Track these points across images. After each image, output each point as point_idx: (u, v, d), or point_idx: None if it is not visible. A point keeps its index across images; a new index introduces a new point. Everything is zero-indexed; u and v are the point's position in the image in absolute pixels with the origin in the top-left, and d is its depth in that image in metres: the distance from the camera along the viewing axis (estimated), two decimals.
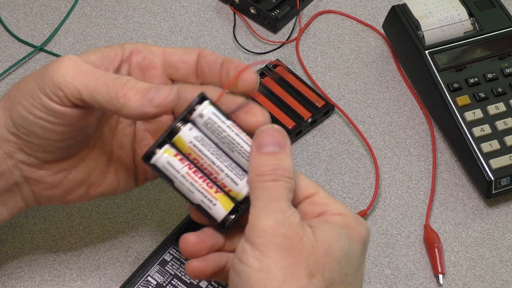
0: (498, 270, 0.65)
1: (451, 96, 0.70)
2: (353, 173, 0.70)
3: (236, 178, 0.50)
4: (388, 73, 0.77)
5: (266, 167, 0.46)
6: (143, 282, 0.58)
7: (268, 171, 0.46)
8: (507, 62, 0.72)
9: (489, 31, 0.74)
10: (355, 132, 0.72)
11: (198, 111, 0.49)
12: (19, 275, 0.62)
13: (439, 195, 0.69)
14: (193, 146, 0.50)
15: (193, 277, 0.50)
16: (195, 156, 0.50)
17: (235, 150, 0.50)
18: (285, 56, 0.78)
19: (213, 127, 0.50)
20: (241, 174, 0.50)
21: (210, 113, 0.50)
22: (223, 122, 0.50)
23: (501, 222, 0.68)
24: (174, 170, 0.50)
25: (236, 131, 0.50)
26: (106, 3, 0.81)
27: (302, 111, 0.72)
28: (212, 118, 0.50)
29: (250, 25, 0.80)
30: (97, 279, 0.62)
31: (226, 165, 0.50)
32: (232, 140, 0.50)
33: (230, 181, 0.50)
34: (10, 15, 0.80)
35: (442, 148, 0.72)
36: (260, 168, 0.47)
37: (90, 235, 0.64)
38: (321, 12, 0.82)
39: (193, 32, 0.80)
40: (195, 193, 0.50)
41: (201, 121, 0.50)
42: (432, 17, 0.74)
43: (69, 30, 0.79)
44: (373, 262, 0.64)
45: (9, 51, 0.77)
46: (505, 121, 0.69)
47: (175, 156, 0.49)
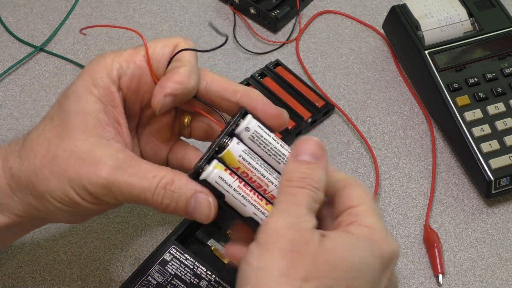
0: (498, 270, 0.65)
1: (451, 96, 0.70)
2: (353, 173, 0.70)
3: None
4: (388, 73, 0.77)
5: (296, 174, 0.47)
6: (143, 282, 0.58)
7: (297, 177, 0.47)
8: (507, 62, 0.72)
9: (489, 31, 0.74)
10: (355, 132, 0.73)
11: (244, 125, 0.50)
12: (19, 275, 0.62)
13: (439, 195, 0.69)
14: (242, 159, 0.49)
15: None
16: (244, 169, 0.50)
17: (281, 161, 0.50)
18: (285, 56, 0.78)
19: (260, 140, 0.50)
20: None
21: (256, 126, 0.50)
22: (268, 135, 0.50)
23: (501, 222, 0.68)
24: (226, 185, 0.49)
25: (281, 143, 0.51)
26: (106, 3, 0.81)
27: (302, 111, 0.72)
28: (258, 131, 0.50)
29: (250, 25, 0.80)
30: (97, 279, 0.62)
31: (274, 177, 0.50)
32: (279, 152, 0.50)
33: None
34: (10, 15, 0.80)
35: (442, 148, 0.72)
36: (291, 174, 0.47)
37: (90, 235, 0.64)
38: (321, 12, 0.82)
39: (193, 32, 0.80)
40: (247, 206, 0.50)
41: (247, 135, 0.50)
42: (432, 17, 0.74)
43: (69, 30, 0.79)
44: None
45: (9, 51, 0.77)
46: (504, 121, 0.69)
47: (225, 170, 0.49)
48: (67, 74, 0.75)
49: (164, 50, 0.51)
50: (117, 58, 0.51)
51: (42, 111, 0.72)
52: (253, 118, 0.50)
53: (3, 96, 0.73)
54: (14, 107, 0.73)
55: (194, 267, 0.59)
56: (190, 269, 0.59)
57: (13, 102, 0.73)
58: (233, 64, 0.77)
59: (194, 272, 0.59)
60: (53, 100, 0.73)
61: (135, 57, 0.51)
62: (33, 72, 0.75)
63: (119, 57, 0.51)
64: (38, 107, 0.73)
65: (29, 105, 0.73)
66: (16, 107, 0.73)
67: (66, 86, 0.75)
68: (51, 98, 0.73)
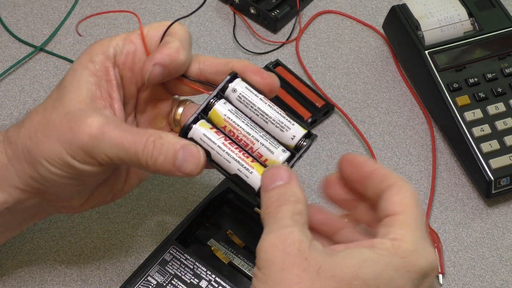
0: (498, 270, 0.65)
1: (451, 96, 0.70)
2: None
3: (271, 146, 0.51)
4: (388, 73, 0.78)
5: (271, 199, 0.46)
6: (143, 282, 0.58)
7: (273, 200, 0.46)
8: (507, 62, 0.72)
9: (489, 31, 0.74)
10: (355, 132, 0.73)
11: (231, 86, 0.52)
12: (19, 275, 0.62)
13: (439, 195, 0.69)
14: (228, 118, 0.51)
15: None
16: (230, 128, 0.51)
17: (269, 121, 0.51)
18: (285, 56, 0.78)
19: (247, 100, 0.52)
20: (276, 144, 0.51)
21: (243, 88, 0.52)
22: (255, 96, 0.52)
23: (501, 222, 0.68)
24: (211, 141, 0.51)
25: (269, 103, 0.52)
26: (106, 3, 0.81)
27: (302, 111, 0.72)
28: (245, 92, 0.52)
29: (250, 25, 0.80)
30: (97, 279, 0.62)
31: (261, 135, 0.51)
32: (266, 112, 0.51)
33: (266, 150, 0.51)
34: (10, 15, 0.80)
35: (442, 148, 0.72)
36: (267, 201, 0.47)
37: (90, 235, 0.64)
38: (321, 12, 0.82)
39: (193, 32, 0.80)
40: (232, 163, 0.51)
41: (234, 96, 0.52)
42: (432, 17, 0.74)
43: (69, 30, 0.79)
44: None
45: (9, 51, 0.77)
46: (505, 121, 0.69)
47: (211, 129, 0.51)
48: None
49: (158, 29, 0.54)
50: (114, 38, 0.54)
51: None
52: (242, 80, 0.52)
53: (3, 96, 0.73)
54: (14, 107, 0.73)
55: (194, 267, 0.59)
56: (190, 269, 0.59)
57: (13, 102, 0.73)
58: None
59: (194, 272, 0.59)
60: None
61: (131, 36, 0.54)
62: (33, 72, 0.75)
63: (116, 37, 0.54)
64: None
65: (29, 105, 0.73)
66: (16, 107, 0.73)
67: None
68: None
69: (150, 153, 0.49)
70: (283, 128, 0.51)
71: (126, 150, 0.49)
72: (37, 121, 0.51)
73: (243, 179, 0.50)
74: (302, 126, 0.52)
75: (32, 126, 0.51)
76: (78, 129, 0.49)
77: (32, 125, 0.51)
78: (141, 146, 0.49)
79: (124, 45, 0.53)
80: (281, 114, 0.52)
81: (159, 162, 0.49)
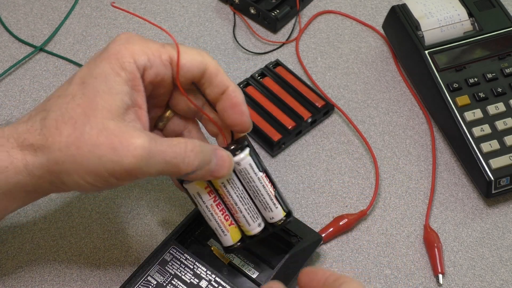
0: (497, 270, 0.65)
1: (451, 96, 0.70)
2: (353, 173, 0.70)
3: (250, 220, 0.56)
4: (388, 73, 0.78)
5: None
6: (143, 282, 0.58)
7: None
8: (507, 62, 0.72)
9: (489, 31, 0.74)
10: (355, 132, 0.73)
11: (237, 158, 0.55)
12: (19, 275, 0.62)
13: (439, 195, 0.69)
14: (223, 186, 0.55)
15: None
16: (222, 193, 0.56)
17: (257, 198, 0.56)
18: (285, 56, 0.78)
19: (246, 176, 0.55)
20: (256, 217, 0.57)
21: (247, 164, 0.55)
22: (255, 174, 0.55)
23: (501, 222, 0.68)
24: (201, 200, 0.56)
25: (264, 183, 0.56)
26: (106, 3, 0.81)
27: (302, 111, 0.72)
28: (247, 168, 0.55)
29: (250, 25, 0.80)
30: (97, 279, 0.62)
31: (245, 208, 0.56)
32: (258, 191, 0.56)
33: (245, 221, 0.56)
34: (10, 15, 0.80)
35: (442, 148, 0.72)
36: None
37: (90, 235, 0.64)
38: (321, 12, 0.82)
39: (193, 32, 0.80)
40: (212, 222, 0.57)
41: (237, 168, 0.55)
42: (431, 17, 0.74)
43: (69, 30, 0.79)
44: (373, 262, 0.64)
45: (9, 51, 0.77)
46: (504, 121, 0.69)
47: (206, 188, 0.55)
48: (67, 74, 0.75)
49: (195, 59, 0.53)
50: (145, 50, 0.51)
51: None
52: (249, 154, 0.55)
53: (3, 96, 0.73)
54: (14, 107, 0.73)
55: (194, 267, 0.59)
56: (190, 269, 0.59)
57: (13, 102, 0.73)
58: (233, 64, 0.77)
59: (194, 272, 0.59)
60: None
61: (162, 54, 0.52)
62: (33, 72, 0.75)
63: (147, 48, 0.52)
64: None
65: (29, 105, 0.73)
66: (16, 107, 0.73)
67: None
68: None
69: (191, 162, 0.50)
70: (267, 208, 0.56)
71: (167, 163, 0.49)
72: (68, 133, 0.49)
73: (217, 235, 0.58)
74: (283, 209, 0.57)
75: (62, 138, 0.49)
76: (123, 151, 0.48)
77: (62, 137, 0.49)
78: (181, 158, 0.50)
79: (155, 62, 0.52)
80: (271, 195, 0.56)
81: (198, 169, 0.51)
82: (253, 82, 0.74)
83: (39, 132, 0.50)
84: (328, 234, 0.65)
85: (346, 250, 0.65)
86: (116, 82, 0.50)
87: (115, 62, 0.50)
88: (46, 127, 0.50)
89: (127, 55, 0.51)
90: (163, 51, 0.52)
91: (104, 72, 0.50)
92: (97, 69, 0.50)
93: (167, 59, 0.52)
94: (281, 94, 0.73)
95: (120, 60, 0.50)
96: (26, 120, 0.52)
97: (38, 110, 0.52)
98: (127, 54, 0.51)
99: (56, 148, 0.49)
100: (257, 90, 0.73)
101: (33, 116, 0.51)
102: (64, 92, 0.51)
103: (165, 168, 0.50)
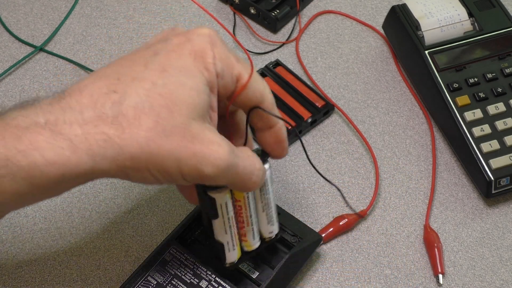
0: (498, 270, 0.65)
1: (451, 96, 0.70)
2: (353, 173, 0.70)
3: (256, 233, 0.56)
4: (388, 73, 0.78)
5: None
6: (143, 282, 0.58)
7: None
8: (507, 62, 0.72)
9: (489, 31, 0.74)
10: (355, 132, 0.73)
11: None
12: (19, 275, 0.62)
13: (439, 195, 0.69)
14: (247, 197, 0.53)
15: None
16: (241, 204, 0.54)
17: (265, 211, 0.56)
18: (285, 56, 0.78)
19: (263, 188, 0.54)
20: (258, 231, 0.56)
21: (268, 176, 0.54)
22: (271, 186, 0.55)
23: (501, 222, 0.68)
24: (226, 211, 0.53)
25: (274, 196, 0.56)
26: (106, 3, 0.81)
27: (302, 111, 0.72)
28: (268, 180, 0.54)
29: (250, 25, 0.80)
30: (97, 279, 0.62)
31: (256, 221, 0.55)
32: (269, 203, 0.55)
33: (252, 234, 0.56)
34: (10, 15, 0.80)
35: (442, 148, 0.72)
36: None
37: (90, 235, 0.64)
38: (321, 12, 0.82)
39: None
40: (227, 235, 0.54)
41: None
42: (432, 17, 0.74)
43: (69, 30, 0.79)
44: (373, 262, 0.64)
45: (9, 51, 0.77)
46: (505, 121, 0.69)
47: (231, 198, 0.53)
48: (67, 74, 0.75)
49: (254, 91, 0.51)
50: (223, 57, 0.49)
51: None
52: (269, 167, 0.54)
53: (3, 96, 0.73)
54: None
55: (194, 267, 0.59)
56: (190, 269, 0.59)
57: (13, 102, 0.73)
58: None
59: (194, 272, 0.59)
60: None
61: (234, 69, 0.50)
62: (33, 72, 0.75)
63: (225, 57, 0.49)
64: None
65: None
66: None
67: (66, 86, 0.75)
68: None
69: (257, 183, 0.50)
70: (270, 221, 0.56)
71: (237, 177, 0.49)
72: (148, 127, 0.44)
73: (225, 250, 0.55)
74: (278, 225, 0.57)
75: (141, 132, 0.44)
76: (204, 158, 0.46)
77: (141, 131, 0.44)
78: (250, 175, 0.50)
79: (227, 74, 0.49)
80: (275, 209, 0.56)
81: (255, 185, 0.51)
82: None
83: (112, 120, 0.44)
84: (328, 234, 0.65)
85: (346, 250, 0.65)
86: (201, 80, 0.47)
87: (200, 60, 0.47)
88: (123, 114, 0.45)
89: (211, 56, 0.48)
90: (236, 66, 0.50)
91: (189, 67, 0.47)
92: (180, 61, 0.47)
93: (236, 75, 0.50)
94: (281, 94, 0.73)
95: (204, 59, 0.48)
96: (91, 102, 0.45)
97: (103, 90, 0.46)
98: (211, 55, 0.48)
99: (135, 142, 0.44)
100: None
101: (100, 97, 0.45)
102: (140, 75, 0.46)
103: (233, 181, 0.49)
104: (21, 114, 0.45)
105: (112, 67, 0.48)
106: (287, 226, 0.61)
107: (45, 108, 0.45)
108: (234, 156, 0.47)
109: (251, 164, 0.49)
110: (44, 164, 0.43)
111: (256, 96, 0.51)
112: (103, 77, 0.46)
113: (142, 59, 0.47)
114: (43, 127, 0.44)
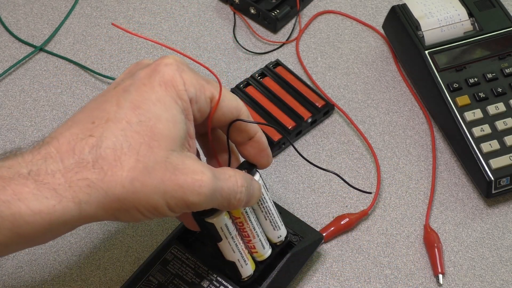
0: (498, 270, 0.65)
1: (451, 96, 0.70)
2: (353, 173, 0.70)
3: (264, 242, 0.56)
4: (388, 73, 0.78)
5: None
6: (144, 282, 0.58)
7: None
8: (507, 62, 0.72)
9: (489, 31, 0.74)
10: (355, 132, 0.73)
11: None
12: (19, 275, 0.62)
13: (439, 195, 0.69)
14: (245, 212, 0.54)
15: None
16: (242, 220, 0.54)
17: (268, 218, 0.56)
18: (285, 56, 0.78)
19: (260, 197, 0.55)
20: (267, 240, 0.57)
21: (261, 185, 0.54)
22: (267, 194, 0.56)
23: (501, 222, 0.68)
24: (228, 232, 0.53)
25: (272, 202, 0.56)
26: (106, 3, 0.81)
27: (302, 111, 0.72)
28: (262, 188, 0.54)
29: (250, 25, 0.80)
30: (97, 279, 0.62)
31: (260, 231, 0.56)
32: (269, 210, 0.56)
33: (260, 245, 0.56)
34: (10, 15, 0.80)
35: (442, 148, 0.72)
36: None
37: (90, 235, 0.64)
38: (321, 12, 0.82)
39: (193, 32, 0.80)
40: (236, 253, 0.55)
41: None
42: (432, 17, 0.74)
43: (69, 30, 0.79)
44: (373, 262, 0.64)
45: (9, 51, 0.77)
46: (505, 121, 0.69)
47: (229, 218, 0.54)
48: (67, 74, 0.75)
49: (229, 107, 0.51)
50: (193, 82, 0.49)
51: (42, 111, 0.72)
52: (260, 177, 0.54)
53: (3, 96, 0.73)
54: (14, 107, 0.73)
55: (196, 267, 0.59)
56: (192, 269, 0.59)
57: (13, 102, 0.73)
58: (233, 64, 0.77)
59: (195, 272, 0.59)
60: (53, 100, 0.73)
61: (206, 91, 0.50)
62: (33, 72, 0.75)
63: (195, 81, 0.49)
64: (38, 107, 0.73)
65: (29, 105, 0.73)
66: (16, 107, 0.73)
67: (65, 85, 0.75)
68: (51, 98, 0.73)
69: (241, 200, 0.51)
70: (275, 227, 0.57)
71: (223, 199, 0.49)
72: (130, 166, 0.44)
73: (238, 267, 0.56)
74: (284, 227, 0.58)
75: (123, 173, 0.44)
76: (188, 188, 0.46)
77: (123, 172, 0.44)
78: (233, 194, 0.50)
79: (200, 97, 0.49)
80: (277, 213, 0.57)
81: (242, 204, 0.51)
82: (253, 82, 0.74)
83: (92, 164, 0.44)
84: (329, 233, 0.65)
85: (346, 250, 0.65)
86: (177, 110, 0.47)
87: (171, 89, 0.48)
88: (102, 157, 0.45)
89: (181, 83, 0.48)
90: (207, 87, 0.50)
91: (162, 98, 0.47)
92: (153, 94, 0.47)
93: (209, 97, 0.50)
94: (281, 94, 0.73)
95: (176, 88, 0.48)
96: (69, 149, 0.45)
97: (79, 135, 0.46)
98: (181, 82, 0.48)
99: (118, 184, 0.44)
100: (257, 90, 0.73)
101: (77, 143, 0.45)
102: (114, 115, 0.46)
103: (220, 203, 0.49)
104: (4, 165, 0.45)
105: (85, 111, 0.48)
106: (288, 225, 0.61)
107: (27, 158, 0.45)
108: (217, 180, 0.48)
109: (234, 184, 0.50)
110: (29, 214, 0.44)
111: (232, 112, 0.52)
112: (78, 123, 0.47)
113: (114, 99, 0.47)
114: (26, 178, 0.44)
